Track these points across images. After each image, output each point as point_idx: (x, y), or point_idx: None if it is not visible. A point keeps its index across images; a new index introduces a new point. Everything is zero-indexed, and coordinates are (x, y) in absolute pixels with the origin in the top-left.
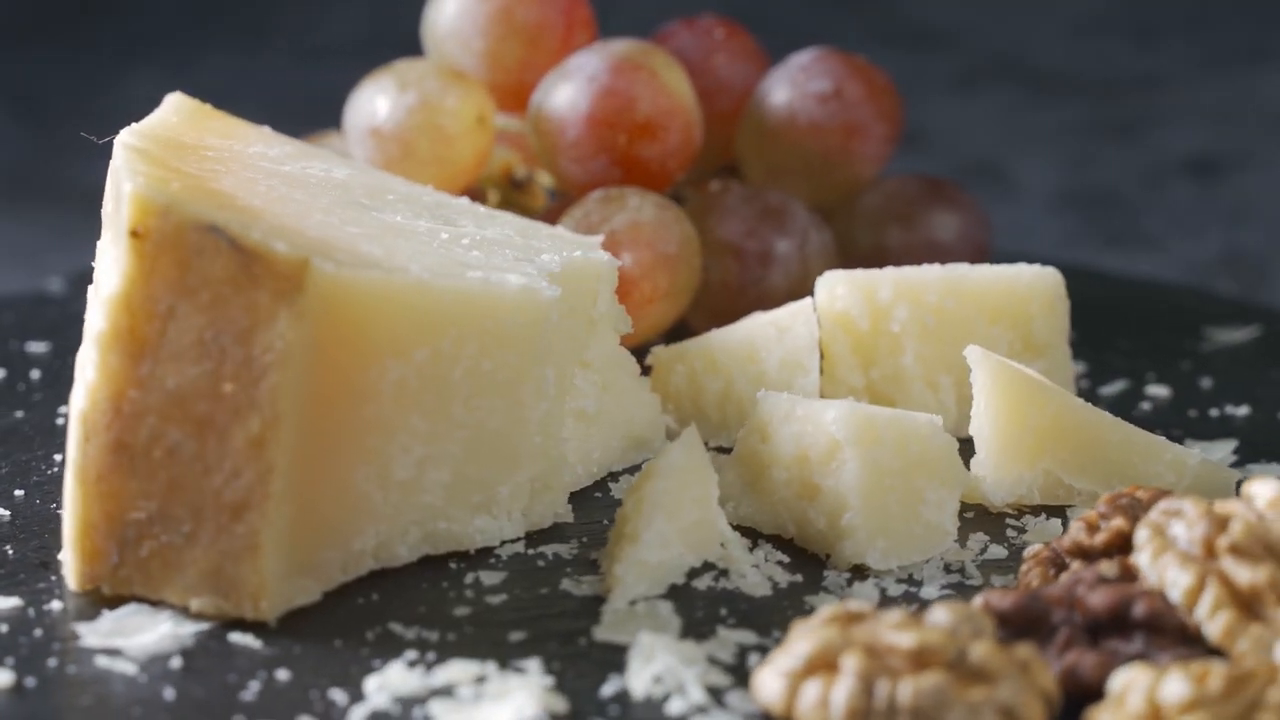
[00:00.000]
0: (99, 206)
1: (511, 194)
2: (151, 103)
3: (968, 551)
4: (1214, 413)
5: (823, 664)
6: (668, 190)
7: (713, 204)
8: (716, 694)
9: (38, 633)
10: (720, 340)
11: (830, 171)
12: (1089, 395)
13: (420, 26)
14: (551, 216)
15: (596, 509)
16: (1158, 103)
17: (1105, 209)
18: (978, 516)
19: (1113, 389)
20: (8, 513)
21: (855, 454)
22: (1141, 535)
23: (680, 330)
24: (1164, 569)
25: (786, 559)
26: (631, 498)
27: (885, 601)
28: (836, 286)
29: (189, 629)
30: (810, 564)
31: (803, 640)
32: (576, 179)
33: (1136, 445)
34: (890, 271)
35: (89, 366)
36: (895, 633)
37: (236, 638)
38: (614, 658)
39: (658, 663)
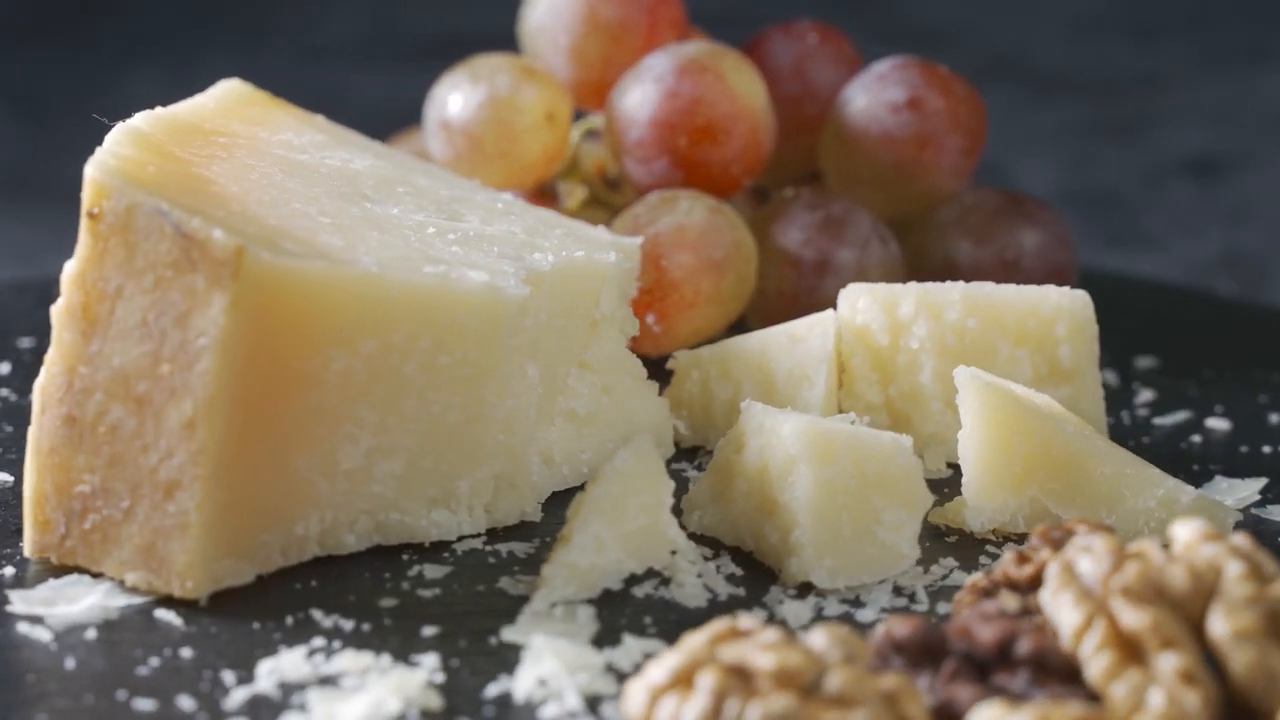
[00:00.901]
0: None
1: (605, 192)
2: (152, 103)
3: (929, 576)
4: (1266, 449)
5: (684, 680)
6: (736, 194)
7: (778, 211)
8: (594, 702)
9: None
10: (736, 347)
11: (904, 183)
12: (1143, 420)
13: (420, 26)
14: (612, 218)
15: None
16: (1158, 103)
17: (1105, 209)
18: (960, 541)
19: (1173, 418)
20: (10, 478)
21: (809, 470)
22: (1050, 570)
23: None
24: (1058, 606)
25: (740, 572)
26: (575, 501)
27: (817, 620)
28: (858, 299)
29: (120, 602)
30: (763, 578)
31: (674, 655)
32: (640, 180)
33: (1128, 478)
34: (913, 286)
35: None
36: (761, 653)
37: (162, 614)
38: (514, 658)
39: (545, 667)
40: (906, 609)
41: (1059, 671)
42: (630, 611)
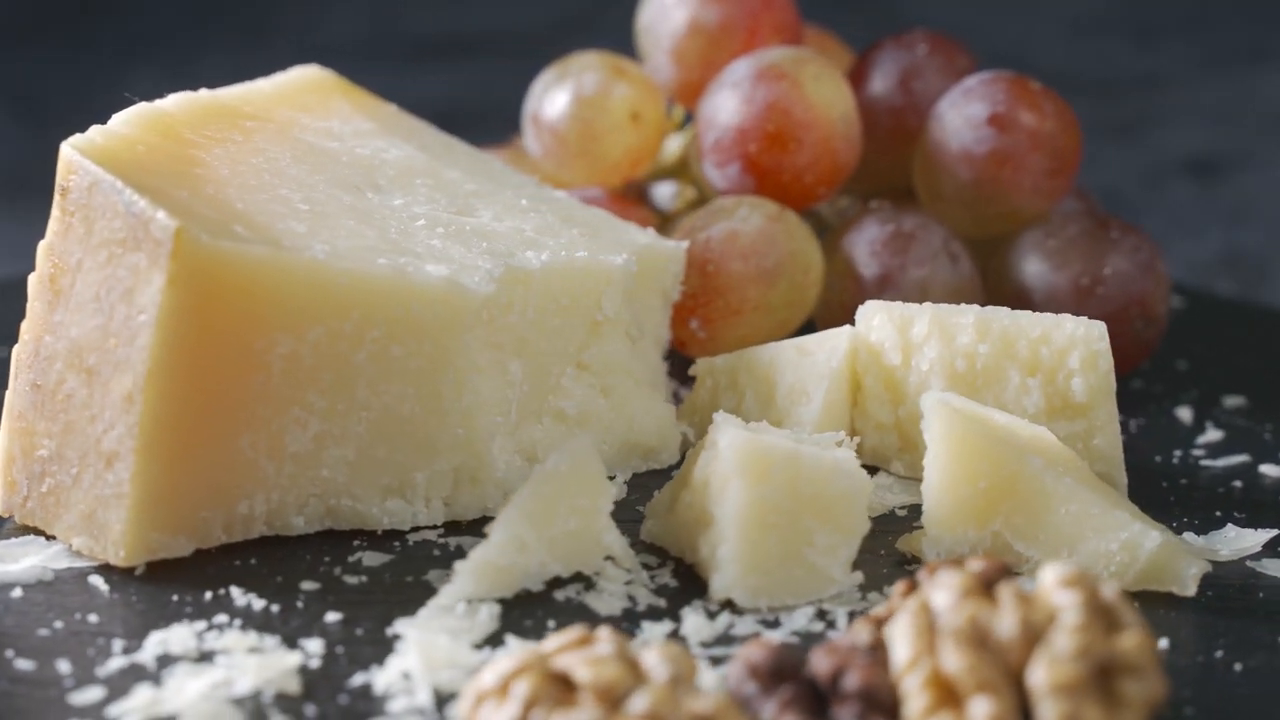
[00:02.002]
0: None
1: (712, 194)
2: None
3: (865, 602)
4: None
5: (505, 687)
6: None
7: (851, 223)
8: (445, 700)
9: None
10: (749, 357)
11: (983, 201)
12: (1194, 462)
13: (420, 26)
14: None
15: None
16: (1158, 103)
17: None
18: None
19: (1227, 461)
20: None
21: (740, 485)
22: (908, 605)
23: None
24: (895, 641)
25: (674, 584)
26: (506, 501)
27: (723, 640)
28: (874, 317)
29: (61, 565)
30: (695, 591)
31: (508, 660)
32: (717, 184)
33: (1093, 517)
34: (928, 307)
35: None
36: (584, 665)
37: (95, 579)
38: (394, 650)
39: (410, 661)
40: (822, 634)
41: (885, 708)
42: (540, 614)
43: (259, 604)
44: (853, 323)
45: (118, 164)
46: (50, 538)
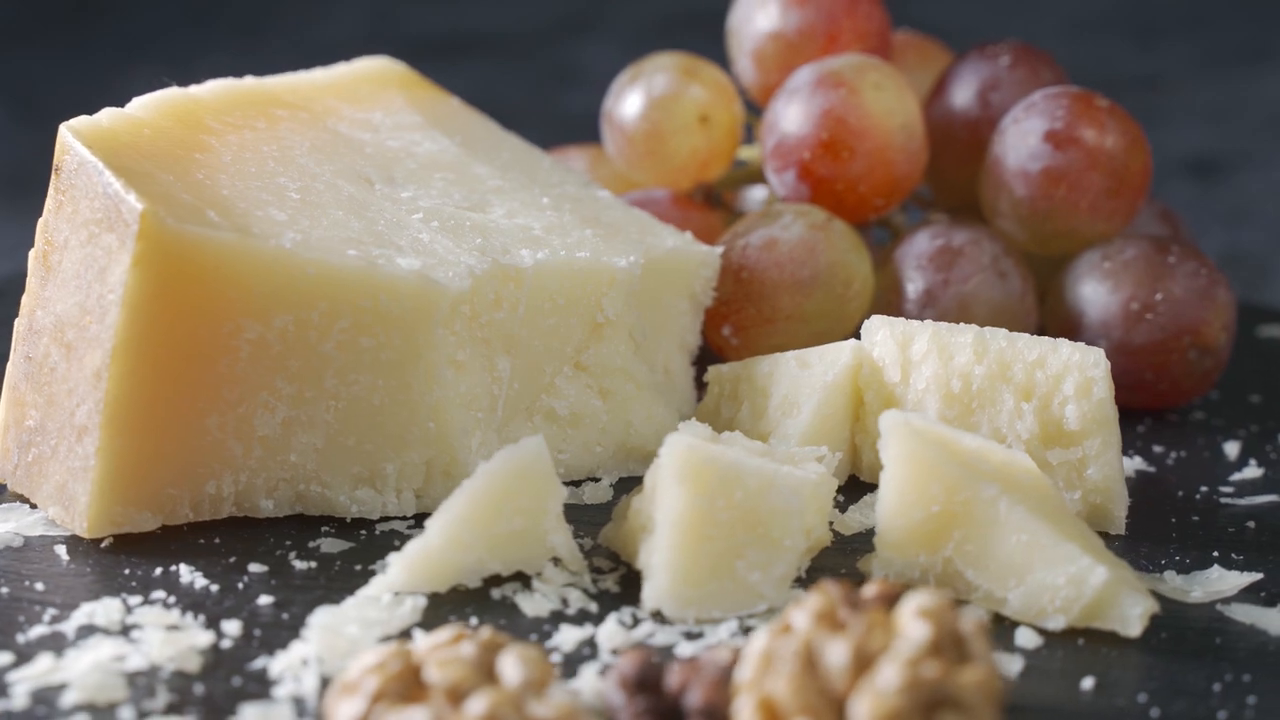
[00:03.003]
0: None
1: (776, 200)
2: None
3: None
4: None
5: (359, 681)
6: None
7: (905, 236)
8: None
9: None
10: (751, 367)
11: (1039, 220)
12: (1214, 499)
13: (420, 26)
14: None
15: None
16: (1158, 103)
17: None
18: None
19: (1253, 500)
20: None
21: (677, 494)
22: (772, 626)
23: None
24: (742, 661)
25: (617, 590)
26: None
27: (634, 648)
28: (877, 332)
29: (35, 532)
30: (633, 598)
31: (373, 655)
32: (777, 190)
33: (1041, 550)
34: (929, 324)
35: None
36: (438, 665)
37: (60, 549)
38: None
39: (309, 648)
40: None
41: None
42: (466, 611)
43: (202, 583)
44: (858, 336)
45: (110, 146)
46: (34, 506)
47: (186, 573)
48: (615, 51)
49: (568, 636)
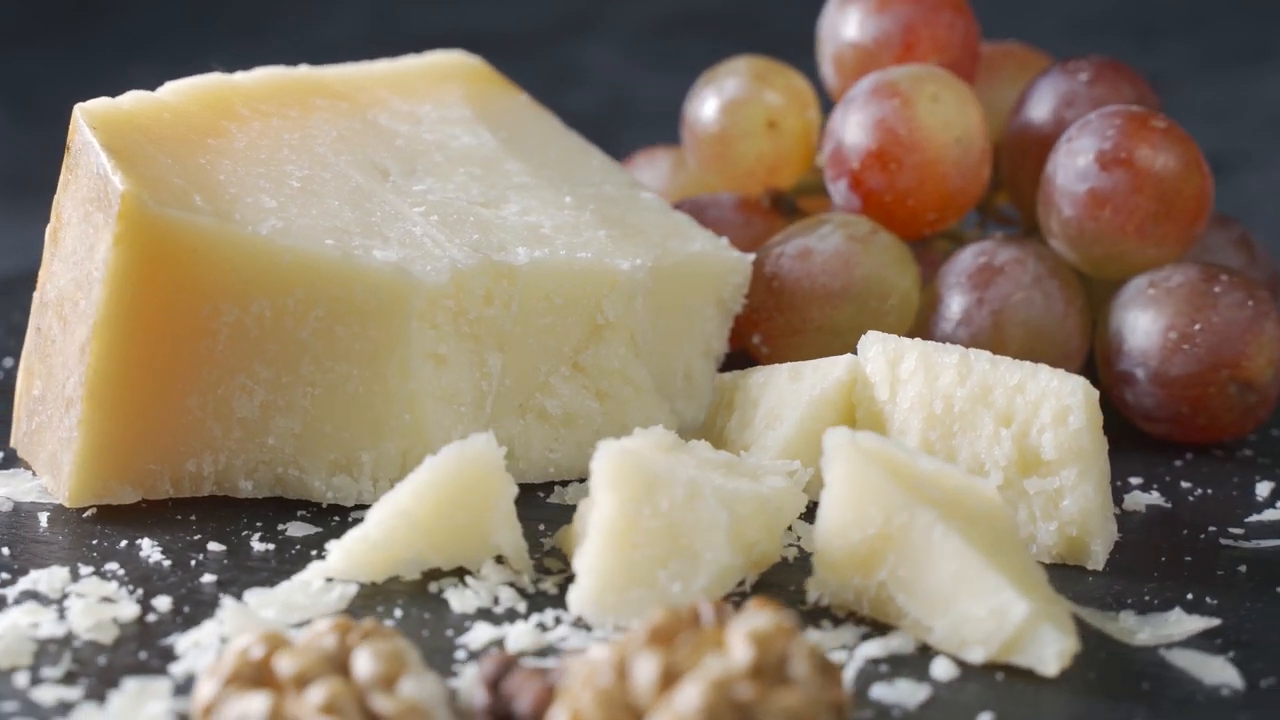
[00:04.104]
0: None
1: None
2: None
3: None
4: None
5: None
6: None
7: (955, 252)
8: None
9: None
10: (747, 377)
11: (1088, 242)
12: (1215, 537)
13: (420, 25)
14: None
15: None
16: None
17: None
18: (802, 611)
19: (1263, 544)
20: None
21: (606, 499)
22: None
23: None
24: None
25: (555, 591)
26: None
27: (546, 651)
28: (870, 348)
29: (27, 499)
30: (565, 601)
31: (245, 638)
32: (834, 199)
33: (969, 580)
34: (918, 343)
35: None
36: (290, 654)
37: (42, 515)
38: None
39: (209, 631)
40: None
41: None
42: (393, 603)
43: (157, 558)
44: (855, 352)
45: (116, 128)
46: (36, 474)
47: (148, 547)
48: (615, 51)
49: (480, 635)
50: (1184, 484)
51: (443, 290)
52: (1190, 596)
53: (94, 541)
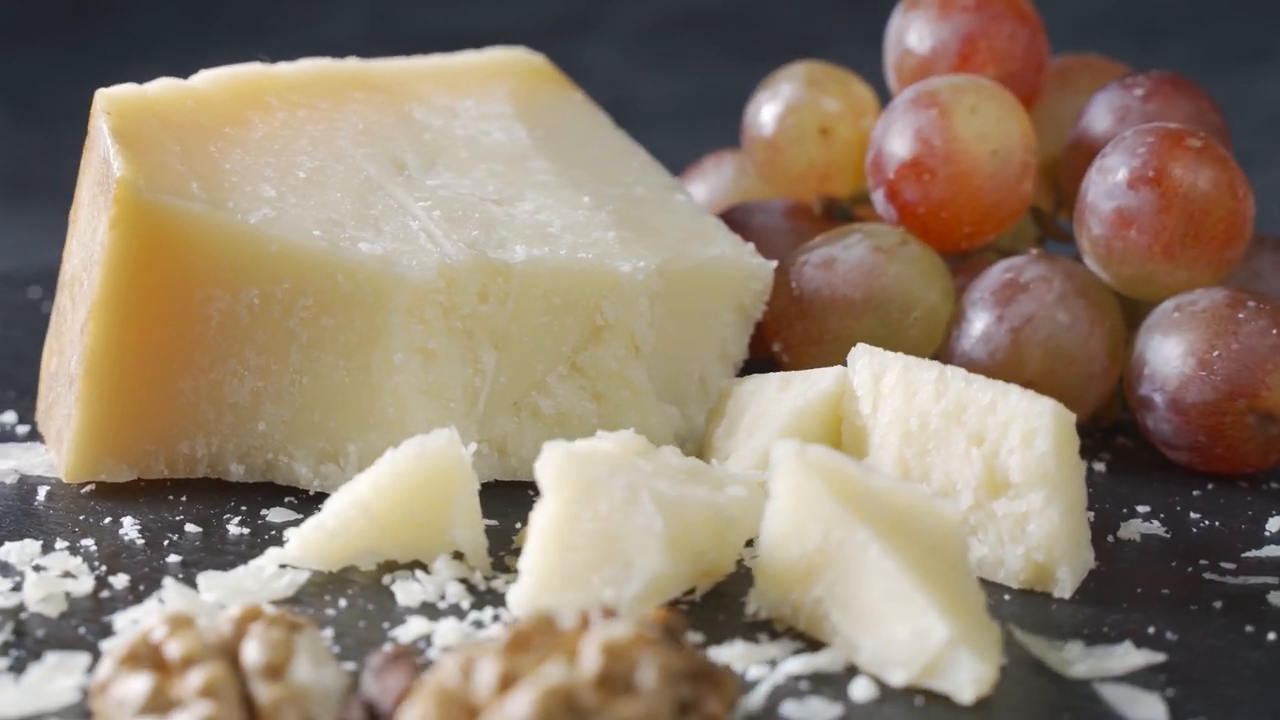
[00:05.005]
0: None
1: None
2: None
3: None
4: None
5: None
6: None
7: (984, 267)
8: None
9: None
10: (743, 383)
11: (1115, 261)
12: (1203, 568)
13: (420, 25)
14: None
15: (498, 500)
16: None
17: None
18: (740, 624)
19: (1252, 580)
20: None
21: (550, 499)
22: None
23: None
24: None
25: (505, 590)
26: None
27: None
28: (858, 360)
29: (35, 472)
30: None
31: (153, 619)
32: (877, 209)
33: (896, 600)
34: (900, 358)
35: None
36: (184, 637)
37: (42, 489)
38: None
39: (149, 610)
40: None
41: None
42: (344, 594)
43: (130, 536)
44: (845, 364)
45: (132, 113)
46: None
47: (128, 525)
48: (615, 51)
49: (412, 629)
50: (1193, 514)
51: (430, 285)
52: (1151, 630)
53: (80, 517)
